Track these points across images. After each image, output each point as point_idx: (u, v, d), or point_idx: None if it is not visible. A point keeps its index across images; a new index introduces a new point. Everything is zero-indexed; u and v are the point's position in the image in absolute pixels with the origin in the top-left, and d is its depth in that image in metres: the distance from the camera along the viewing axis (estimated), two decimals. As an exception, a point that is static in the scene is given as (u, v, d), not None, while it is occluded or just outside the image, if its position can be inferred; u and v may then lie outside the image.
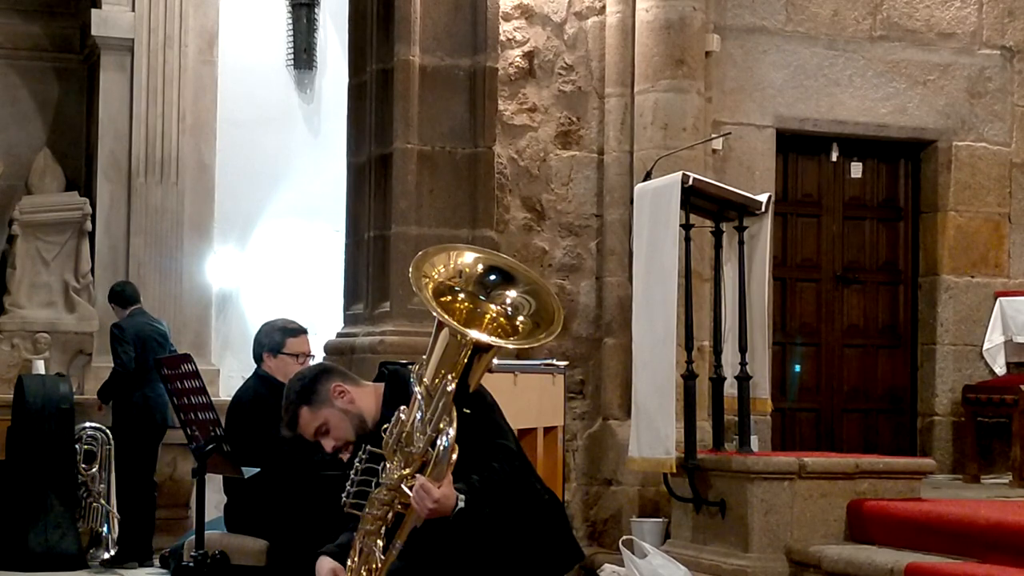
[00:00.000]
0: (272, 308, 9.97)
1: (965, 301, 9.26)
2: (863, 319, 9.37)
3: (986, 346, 9.17)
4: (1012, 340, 9.08)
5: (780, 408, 8.83)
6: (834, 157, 9.27)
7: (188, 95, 10.99)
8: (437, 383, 3.82)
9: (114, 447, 9.41)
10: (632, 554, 6.80)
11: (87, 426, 9.51)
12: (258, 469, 5.75)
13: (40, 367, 10.40)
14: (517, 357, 6.80)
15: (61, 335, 10.88)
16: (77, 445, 9.39)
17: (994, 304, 9.19)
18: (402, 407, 3.90)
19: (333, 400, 4.18)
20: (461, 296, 3.94)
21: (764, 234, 7.40)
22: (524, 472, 4.22)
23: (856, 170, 9.35)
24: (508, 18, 8.32)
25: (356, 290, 8.23)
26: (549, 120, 8.43)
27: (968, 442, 8.92)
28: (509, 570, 4.13)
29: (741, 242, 7.30)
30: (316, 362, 5.62)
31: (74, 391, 9.78)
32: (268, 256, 11.40)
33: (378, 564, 3.94)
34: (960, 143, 9.28)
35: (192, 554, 5.68)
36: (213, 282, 11.20)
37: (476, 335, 3.82)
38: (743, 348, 7.25)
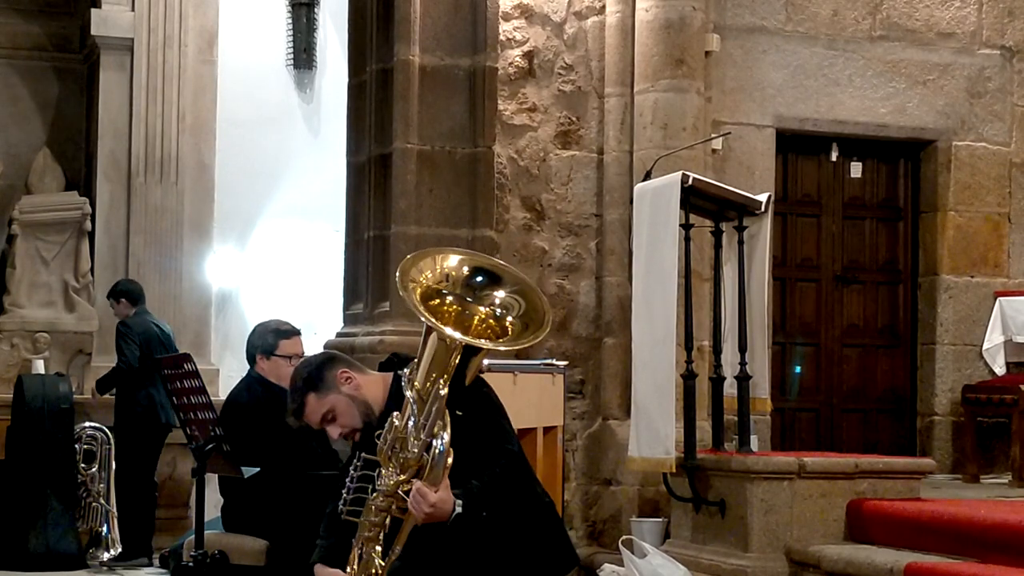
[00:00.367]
0: (272, 308, 9.98)
1: (965, 301, 9.25)
2: (863, 319, 9.37)
3: (986, 346, 9.16)
4: (1012, 340, 9.07)
5: (780, 408, 8.82)
6: (834, 157, 9.26)
7: (188, 95, 10.99)
8: (429, 387, 3.82)
9: (116, 446, 9.40)
10: (632, 554, 6.80)
11: (87, 426, 9.49)
12: (258, 469, 5.75)
13: (40, 367, 10.39)
14: (516, 357, 6.79)
15: (61, 335, 10.89)
16: (77, 445, 9.36)
17: (994, 304, 9.18)
18: (395, 412, 3.90)
19: (340, 386, 4.17)
20: (449, 299, 3.93)
21: (764, 234, 7.39)
22: (526, 477, 4.21)
23: (856, 170, 9.34)
24: (508, 18, 8.31)
25: (356, 290, 8.23)
26: (549, 120, 8.42)
27: (968, 442, 8.92)
28: (505, 574, 4.12)
29: (741, 242, 7.29)
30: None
31: (74, 391, 9.76)
32: (268, 256, 11.40)
33: (378, 570, 3.93)
34: (960, 143, 9.27)
35: (192, 554, 5.67)
36: (213, 282, 11.21)
37: (465, 338, 3.82)
38: (743, 348, 7.25)
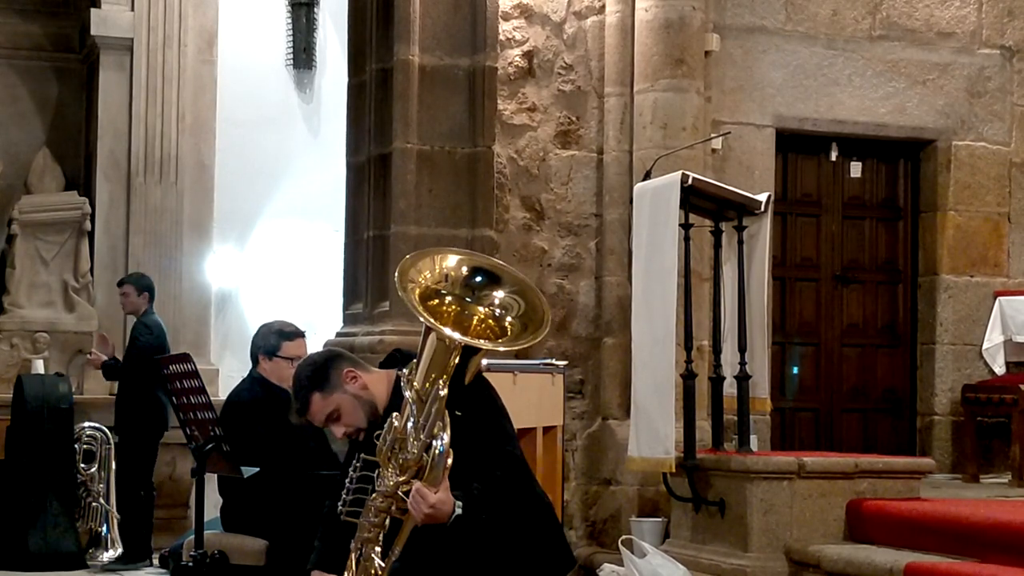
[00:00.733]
0: (271, 308, 9.99)
1: (964, 301, 9.25)
2: (862, 319, 9.37)
3: (985, 346, 9.16)
4: (1011, 340, 9.07)
5: (779, 408, 8.82)
6: (833, 157, 9.26)
7: (187, 95, 10.99)
8: (428, 387, 3.81)
9: (117, 445, 9.38)
10: (631, 554, 6.80)
11: (86, 426, 9.49)
12: (257, 469, 5.75)
13: (39, 367, 10.39)
14: (516, 357, 6.78)
15: (60, 335, 10.88)
16: (76, 445, 9.37)
17: (993, 304, 9.18)
18: (394, 413, 3.89)
19: (345, 385, 4.14)
20: (448, 299, 3.91)
21: (763, 234, 7.39)
22: (526, 480, 4.20)
23: (855, 170, 9.34)
24: (507, 18, 8.31)
25: (355, 290, 8.23)
26: (548, 120, 8.42)
27: (967, 442, 8.91)
28: (504, 575, 4.12)
29: (740, 242, 7.29)
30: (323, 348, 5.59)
31: (73, 391, 9.76)
32: (267, 256, 11.40)
33: (377, 571, 3.93)
34: (959, 143, 9.27)
35: (191, 554, 5.67)
36: (212, 282, 11.21)
37: (464, 339, 3.81)
38: (742, 348, 7.25)
